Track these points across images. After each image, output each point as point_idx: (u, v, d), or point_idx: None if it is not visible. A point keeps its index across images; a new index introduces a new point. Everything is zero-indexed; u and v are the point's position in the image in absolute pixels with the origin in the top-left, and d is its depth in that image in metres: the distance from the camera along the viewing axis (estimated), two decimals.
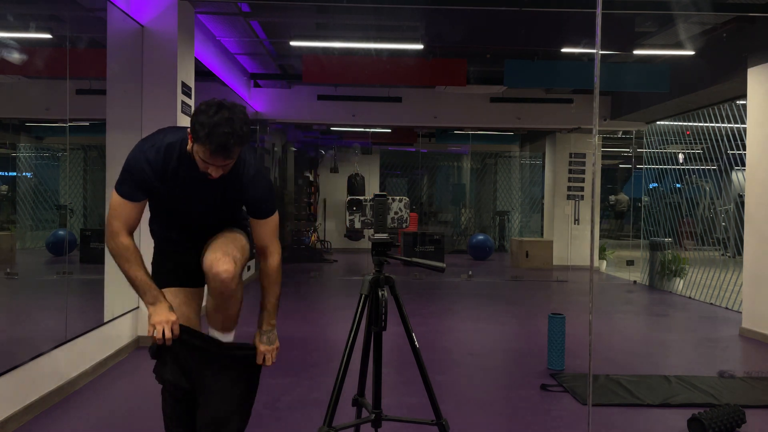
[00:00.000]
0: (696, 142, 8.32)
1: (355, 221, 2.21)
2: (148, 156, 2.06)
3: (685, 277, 8.24)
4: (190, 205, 2.18)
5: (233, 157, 1.99)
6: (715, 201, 8.47)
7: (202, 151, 1.95)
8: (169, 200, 2.17)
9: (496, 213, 14.05)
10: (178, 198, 2.15)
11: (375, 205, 2.22)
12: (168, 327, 2.03)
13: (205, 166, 2.00)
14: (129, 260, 2.07)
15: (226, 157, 1.95)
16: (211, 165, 1.98)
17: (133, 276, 2.08)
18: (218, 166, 1.99)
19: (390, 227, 2.25)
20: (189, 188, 2.13)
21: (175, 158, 2.08)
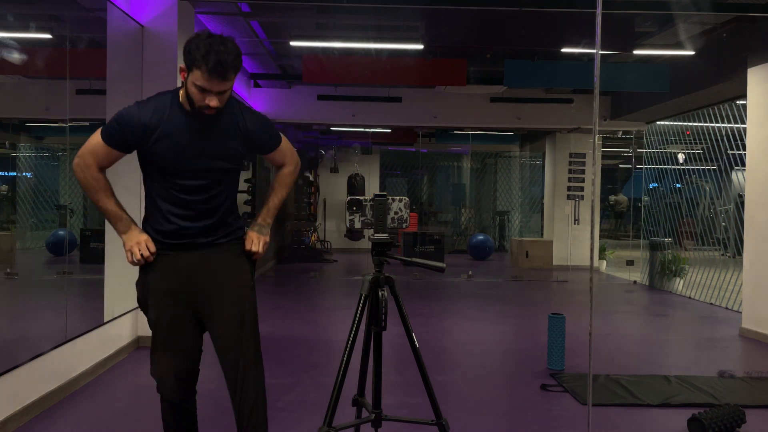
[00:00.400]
0: (696, 142, 8.31)
1: (355, 221, 2.21)
2: (140, 108, 2.11)
3: (685, 277, 8.24)
4: (188, 159, 2.11)
5: (229, 80, 2.02)
6: (715, 201, 8.47)
7: (199, 76, 1.97)
8: (165, 157, 2.10)
9: (496, 213, 14.05)
10: (174, 154, 2.10)
11: (375, 205, 2.22)
12: (143, 246, 2.13)
13: (202, 98, 2.02)
14: (100, 191, 2.14)
15: (223, 77, 1.98)
16: (208, 93, 2.01)
17: (104, 206, 2.16)
18: (215, 94, 2.01)
19: (390, 227, 2.24)
20: (184, 138, 2.10)
21: (167, 107, 2.11)
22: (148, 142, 2.09)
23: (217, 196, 2.19)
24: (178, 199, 2.15)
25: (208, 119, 2.09)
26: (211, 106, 2.02)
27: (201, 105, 2.03)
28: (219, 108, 2.06)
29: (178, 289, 2.18)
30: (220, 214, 2.21)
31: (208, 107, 2.03)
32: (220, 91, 2.02)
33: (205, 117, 2.07)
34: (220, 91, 2.02)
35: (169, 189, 2.15)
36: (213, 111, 2.05)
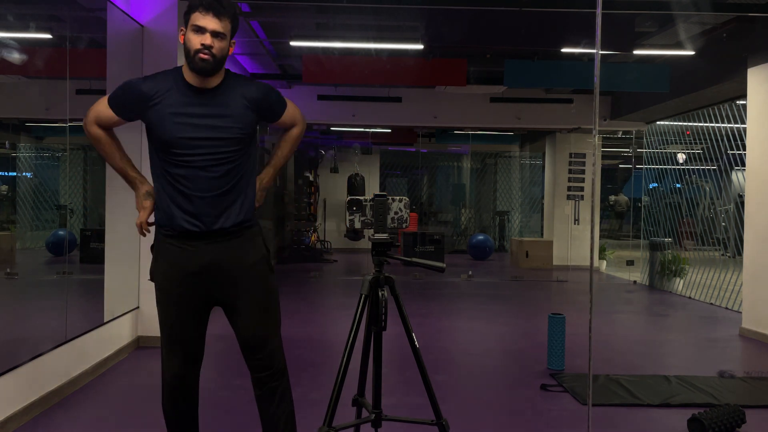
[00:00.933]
0: (696, 142, 8.32)
1: (355, 221, 2.21)
2: (145, 78, 2.17)
3: (685, 277, 8.24)
4: (187, 128, 2.09)
5: (223, 21, 2.05)
6: (715, 201, 8.47)
7: (196, 16, 2.03)
8: (161, 125, 2.10)
9: (496, 213, 14.05)
10: (178, 125, 2.09)
11: (375, 205, 2.21)
12: (141, 218, 2.21)
13: (198, 40, 2.04)
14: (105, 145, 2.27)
15: (217, 13, 2.02)
16: (203, 34, 2.03)
17: (110, 161, 2.30)
18: (209, 32, 2.03)
19: (390, 227, 2.24)
20: (182, 107, 2.10)
21: (170, 79, 2.14)
22: (144, 109, 2.12)
23: (224, 167, 2.12)
24: (181, 171, 2.10)
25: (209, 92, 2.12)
26: (205, 44, 2.03)
27: (196, 49, 2.04)
28: (215, 56, 2.05)
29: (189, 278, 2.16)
30: (228, 185, 2.14)
31: (203, 49, 2.03)
32: (214, 32, 2.04)
33: (203, 71, 2.07)
34: (215, 31, 2.04)
35: (172, 162, 2.11)
36: (208, 55, 2.04)
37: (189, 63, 2.08)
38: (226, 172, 2.12)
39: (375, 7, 5.55)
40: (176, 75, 2.14)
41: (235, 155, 2.14)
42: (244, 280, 2.18)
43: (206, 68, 2.07)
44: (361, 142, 12.21)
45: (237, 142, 2.14)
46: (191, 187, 2.10)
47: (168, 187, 2.13)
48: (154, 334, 4.74)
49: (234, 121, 2.13)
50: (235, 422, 3.22)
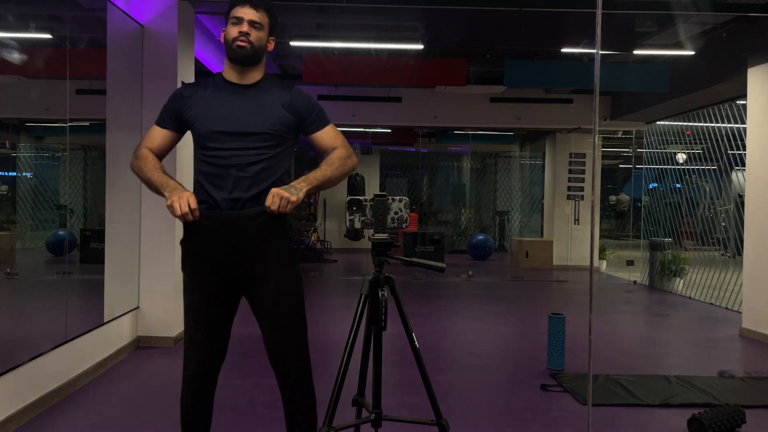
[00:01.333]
0: (696, 142, 8.32)
1: (355, 221, 2.21)
2: (187, 85, 2.26)
3: (685, 277, 8.24)
4: (222, 121, 2.11)
5: (260, 12, 2.12)
6: (715, 201, 8.47)
7: (235, 9, 2.12)
8: (197, 119, 2.14)
9: (496, 213, 14.05)
10: (206, 116, 2.13)
11: (375, 205, 2.21)
12: (183, 201, 2.02)
13: (236, 30, 2.11)
14: (146, 164, 2.22)
15: (254, 4, 2.11)
16: (240, 24, 2.10)
17: (149, 177, 2.18)
18: (246, 22, 2.10)
19: (390, 227, 2.24)
20: (219, 102, 2.15)
21: (210, 80, 2.22)
22: (184, 110, 2.17)
23: (256, 166, 2.10)
24: (214, 169, 2.11)
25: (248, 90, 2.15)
26: (242, 31, 2.11)
27: (234, 37, 2.12)
28: (252, 43, 2.11)
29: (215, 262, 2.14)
30: (258, 187, 2.10)
31: (240, 36, 2.11)
32: (251, 21, 2.11)
33: (241, 58, 2.12)
34: (251, 20, 2.11)
35: (205, 159, 2.13)
36: (245, 42, 2.11)
37: (228, 53, 2.15)
38: (257, 173, 2.10)
39: (375, 7, 5.55)
40: (216, 76, 2.23)
41: (266, 154, 2.12)
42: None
43: (244, 55, 2.12)
44: (361, 142, 12.21)
45: (268, 138, 2.13)
46: (216, 175, 2.12)
47: (199, 176, 2.17)
48: (154, 334, 4.75)
49: (267, 117, 2.14)
50: (235, 422, 3.22)
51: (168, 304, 4.75)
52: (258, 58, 2.16)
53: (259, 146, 2.11)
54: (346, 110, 9.17)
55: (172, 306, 4.75)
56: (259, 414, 3.31)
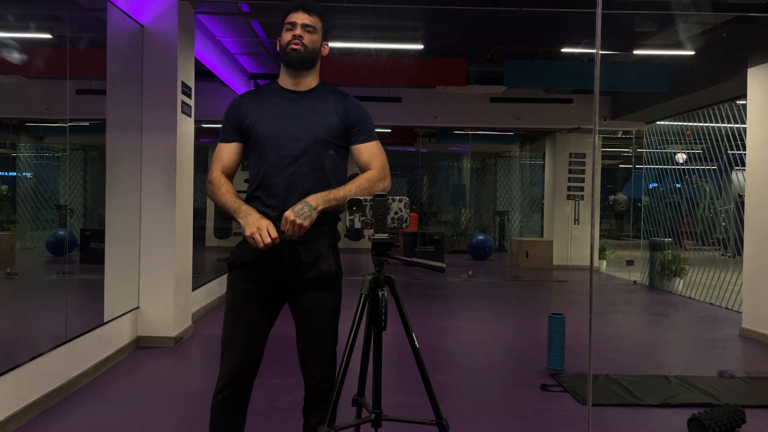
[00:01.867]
0: (696, 142, 8.32)
1: (355, 221, 2.21)
2: (243, 94, 2.26)
3: (685, 277, 8.24)
4: (276, 125, 2.12)
5: (312, 16, 2.16)
6: (715, 201, 8.47)
7: (289, 17, 2.16)
8: (261, 127, 2.13)
9: (496, 213, 14.06)
10: (267, 122, 2.13)
11: (375, 205, 2.21)
12: (264, 233, 1.98)
13: (290, 34, 2.13)
14: (219, 189, 2.14)
15: (307, 9, 2.15)
16: (294, 29, 2.13)
17: (223, 202, 2.12)
18: (300, 26, 2.13)
19: (390, 227, 2.24)
20: (273, 107, 2.16)
21: (266, 87, 2.24)
22: (243, 117, 2.17)
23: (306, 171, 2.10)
24: (267, 174, 2.11)
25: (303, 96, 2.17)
26: (296, 34, 2.13)
27: (288, 41, 2.14)
28: (306, 45, 2.13)
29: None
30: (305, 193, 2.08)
31: (294, 39, 2.13)
32: (304, 24, 2.14)
33: (295, 61, 2.13)
34: (304, 24, 2.14)
35: (260, 164, 2.13)
36: (299, 44, 2.12)
37: (282, 57, 2.16)
38: (313, 182, 2.11)
39: (375, 7, 5.55)
40: (272, 83, 2.25)
41: (318, 155, 2.13)
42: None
43: (298, 57, 2.13)
44: None
45: (320, 144, 2.13)
46: (268, 181, 2.13)
47: (253, 183, 2.17)
48: (154, 334, 4.75)
49: (318, 122, 2.15)
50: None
51: (168, 304, 4.75)
52: (312, 62, 2.18)
53: (313, 154, 2.13)
54: None
55: (172, 306, 4.75)
56: (259, 413, 3.31)
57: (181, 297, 4.95)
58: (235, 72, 7.76)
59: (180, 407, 3.48)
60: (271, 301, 2.21)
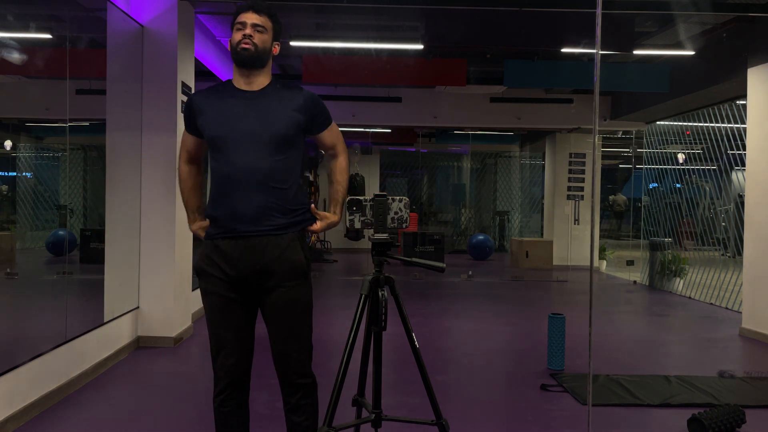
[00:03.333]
0: (696, 142, 8.32)
1: (355, 221, 2.21)
2: (199, 91, 2.31)
3: (685, 277, 8.23)
4: (235, 126, 2.13)
5: (262, 15, 2.17)
6: (715, 201, 8.47)
7: (238, 17, 2.17)
8: (213, 128, 2.16)
9: (496, 213, 14.05)
10: (220, 125, 2.15)
11: (375, 205, 2.21)
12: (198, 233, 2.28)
13: (240, 34, 2.15)
14: (181, 185, 2.36)
15: (257, 9, 2.17)
16: (244, 28, 2.14)
17: (182, 199, 2.35)
18: (250, 26, 2.14)
19: (390, 227, 2.24)
20: (227, 107, 2.18)
21: (220, 85, 2.27)
22: (197, 115, 2.21)
23: (265, 167, 2.12)
24: (222, 174, 2.14)
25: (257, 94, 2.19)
26: (246, 33, 2.14)
27: (238, 41, 2.15)
28: (255, 45, 2.14)
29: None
30: (283, 192, 2.15)
31: (244, 39, 2.14)
32: (254, 24, 2.15)
33: (245, 59, 2.14)
34: (254, 23, 2.15)
35: (215, 163, 2.17)
36: (248, 44, 2.13)
37: (233, 57, 2.18)
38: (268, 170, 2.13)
39: (375, 7, 5.55)
40: (226, 83, 2.26)
41: (275, 154, 2.14)
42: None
43: (248, 56, 2.14)
44: (361, 142, 12.20)
45: (279, 139, 2.15)
46: (225, 183, 2.17)
47: (212, 184, 2.21)
48: (154, 334, 4.75)
49: (277, 118, 2.15)
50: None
51: (168, 304, 4.75)
52: (263, 61, 2.18)
53: (272, 150, 2.13)
54: (346, 110, 9.16)
55: (172, 306, 4.75)
56: (259, 413, 3.31)
57: (181, 297, 4.95)
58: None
59: (180, 407, 3.48)
60: (247, 301, 2.20)
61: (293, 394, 2.20)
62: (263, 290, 2.16)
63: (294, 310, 2.17)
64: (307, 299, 2.22)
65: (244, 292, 2.16)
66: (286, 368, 2.18)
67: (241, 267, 2.12)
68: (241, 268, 2.12)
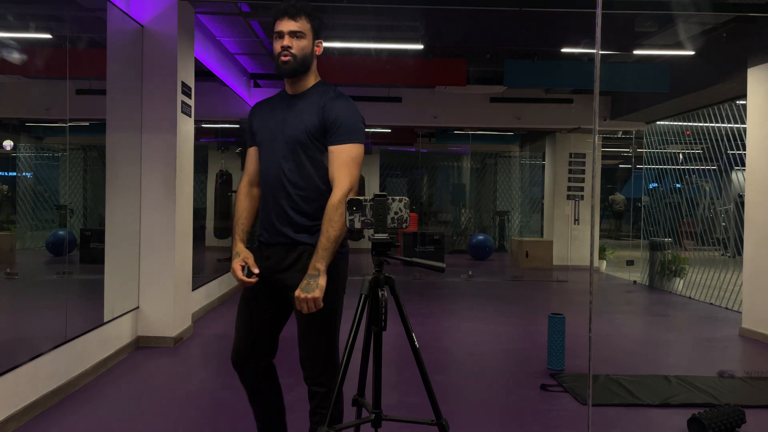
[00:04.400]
0: (696, 142, 8.31)
1: (355, 221, 2.21)
2: (258, 102, 2.35)
3: (685, 277, 8.23)
4: (269, 131, 2.21)
5: (299, 21, 2.11)
6: (715, 201, 8.47)
7: (276, 24, 2.14)
8: (259, 132, 2.25)
9: (496, 213, 14.06)
10: (260, 126, 2.24)
11: (375, 205, 2.21)
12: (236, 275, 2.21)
13: (279, 44, 2.13)
14: (236, 208, 2.31)
15: (291, 16, 2.11)
16: (282, 38, 2.12)
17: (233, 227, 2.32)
18: (287, 34, 2.11)
19: (390, 227, 2.24)
20: (271, 112, 2.23)
21: (277, 94, 2.31)
22: (252, 123, 2.29)
23: (289, 170, 2.14)
24: (262, 174, 2.24)
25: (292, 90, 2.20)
26: (284, 45, 2.12)
27: (278, 53, 2.15)
28: (295, 55, 2.12)
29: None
30: (299, 198, 2.16)
31: (282, 51, 2.13)
32: (291, 32, 2.12)
33: (286, 72, 2.15)
34: (291, 31, 2.12)
35: (260, 165, 2.26)
36: (288, 56, 2.12)
37: (276, 70, 2.18)
38: (286, 172, 2.16)
39: (375, 7, 5.55)
40: (282, 90, 2.29)
41: (295, 154, 2.15)
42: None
43: (289, 69, 2.14)
44: None
45: (296, 145, 2.14)
46: (263, 183, 2.26)
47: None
48: (154, 334, 4.75)
49: (298, 123, 2.15)
50: (235, 422, 3.22)
51: (168, 304, 4.75)
52: (305, 67, 2.16)
53: (290, 150, 2.15)
54: None
55: (172, 306, 4.75)
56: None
57: (181, 297, 4.95)
58: (235, 72, 7.76)
59: (180, 407, 3.48)
60: (275, 292, 2.27)
61: (311, 399, 2.27)
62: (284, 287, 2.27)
63: (305, 315, 2.19)
64: (327, 310, 2.24)
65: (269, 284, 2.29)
66: (303, 371, 2.26)
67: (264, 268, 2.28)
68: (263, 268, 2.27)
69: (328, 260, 2.13)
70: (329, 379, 2.24)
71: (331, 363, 2.25)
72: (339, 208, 2.10)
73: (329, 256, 2.13)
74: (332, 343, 2.26)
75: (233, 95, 7.82)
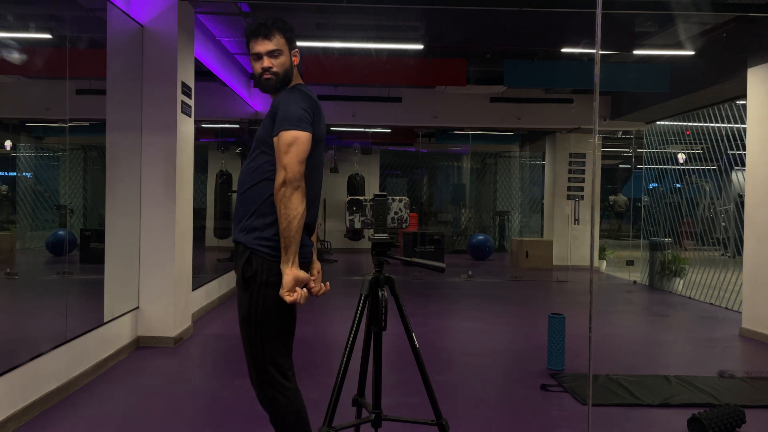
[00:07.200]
0: (696, 142, 8.31)
1: (355, 221, 2.21)
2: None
3: (685, 277, 8.24)
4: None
5: (273, 39, 2.11)
6: (715, 201, 8.47)
7: (251, 45, 2.14)
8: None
9: (496, 213, 14.06)
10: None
11: (375, 205, 2.21)
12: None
13: (258, 65, 2.13)
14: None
15: (265, 35, 2.10)
16: (262, 58, 2.11)
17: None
18: (265, 55, 2.11)
19: (390, 227, 2.24)
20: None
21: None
22: None
23: (247, 173, 2.14)
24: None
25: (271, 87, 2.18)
26: (264, 66, 2.12)
27: (258, 74, 2.15)
28: (276, 73, 2.13)
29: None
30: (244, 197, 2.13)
31: (263, 72, 2.13)
32: (268, 52, 2.12)
33: (270, 89, 2.16)
34: (269, 51, 2.12)
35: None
36: (269, 75, 2.13)
37: (260, 89, 2.19)
38: (247, 171, 2.16)
39: (375, 7, 5.55)
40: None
41: (256, 152, 2.15)
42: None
43: (273, 86, 2.16)
44: (361, 142, 12.21)
45: (259, 143, 2.14)
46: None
47: None
48: (154, 334, 4.75)
49: (263, 123, 2.16)
50: (235, 422, 3.22)
51: (168, 304, 4.75)
52: (288, 80, 2.18)
53: (257, 153, 2.14)
54: (346, 110, 9.17)
55: (172, 306, 4.75)
56: (259, 413, 3.31)
57: (181, 297, 4.95)
58: (235, 72, 7.76)
59: (180, 407, 3.48)
60: None
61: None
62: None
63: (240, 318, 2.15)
64: (244, 312, 2.10)
65: None
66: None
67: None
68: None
69: (290, 252, 1.98)
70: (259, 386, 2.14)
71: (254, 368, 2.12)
72: (281, 192, 1.96)
73: (294, 248, 1.98)
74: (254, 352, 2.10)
75: (233, 95, 7.82)
